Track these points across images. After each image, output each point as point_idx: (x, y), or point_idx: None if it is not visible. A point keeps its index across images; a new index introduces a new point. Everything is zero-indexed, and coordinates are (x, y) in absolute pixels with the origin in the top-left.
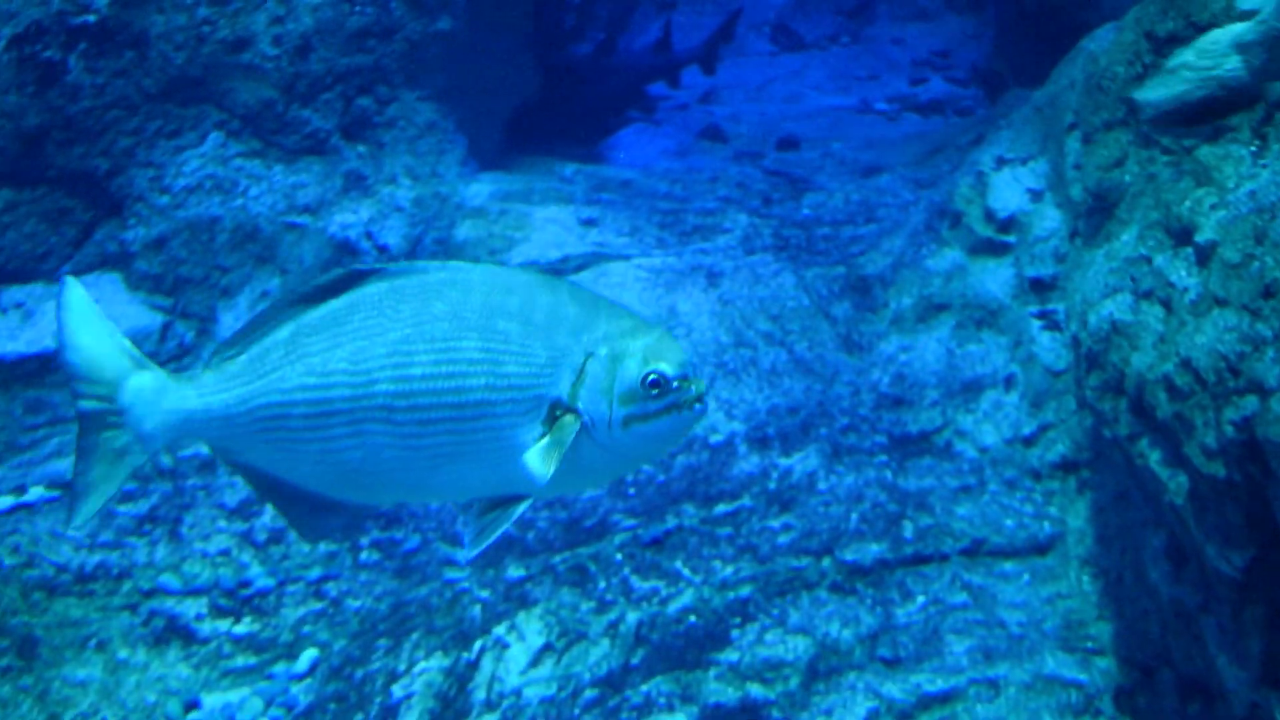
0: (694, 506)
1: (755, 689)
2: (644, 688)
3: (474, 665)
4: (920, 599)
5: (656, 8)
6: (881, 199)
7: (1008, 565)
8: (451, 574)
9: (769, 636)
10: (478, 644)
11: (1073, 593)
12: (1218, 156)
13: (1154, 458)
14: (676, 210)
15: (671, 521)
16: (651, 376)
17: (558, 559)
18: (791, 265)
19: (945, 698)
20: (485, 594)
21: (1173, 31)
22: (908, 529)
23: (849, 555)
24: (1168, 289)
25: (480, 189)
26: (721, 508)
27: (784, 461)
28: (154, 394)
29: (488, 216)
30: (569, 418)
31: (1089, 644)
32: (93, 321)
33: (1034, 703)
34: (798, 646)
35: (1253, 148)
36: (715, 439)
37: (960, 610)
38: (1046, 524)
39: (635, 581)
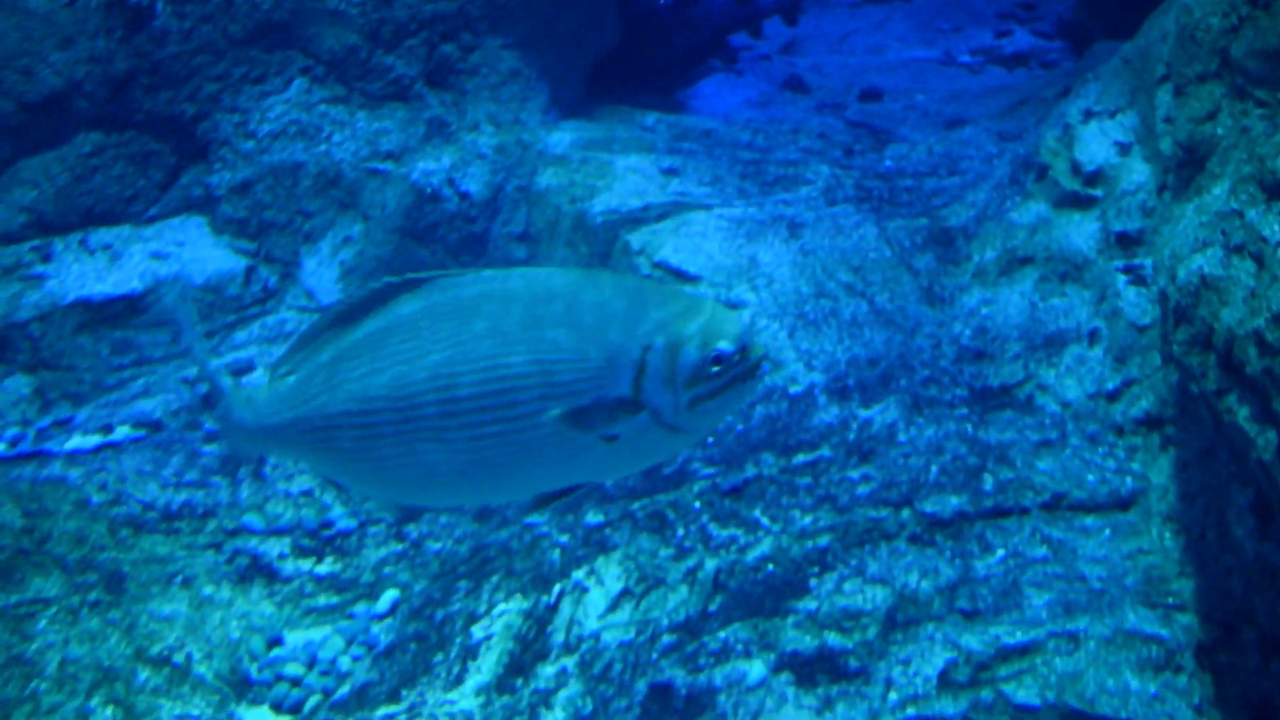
0: (773, 456)
1: (833, 637)
2: (721, 634)
3: (553, 608)
4: (1000, 552)
5: None
6: (965, 151)
7: (1089, 520)
8: (532, 518)
9: (847, 586)
10: (557, 588)
11: (1154, 549)
12: None
13: (1242, 414)
14: (758, 161)
15: (750, 470)
16: (712, 356)
17: (636, 506)
18: (874, 217)
19: (1024, 650)
20: (564, 539)
21: None
22: (988, 482)
23: (928, 507)
24: (1260, 243)
25: (562, 137)
26: (801, 457)
27: (864, 412)
28: (230, 408)
29: (569, 164)
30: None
31: (1170, 600)
32: (191, 325)
33: (1114, 657)
34: (876, 596)
35: None
36: (795, 389)
37: (1040, 564)
38: (1129, 479)
39: (714, 529)
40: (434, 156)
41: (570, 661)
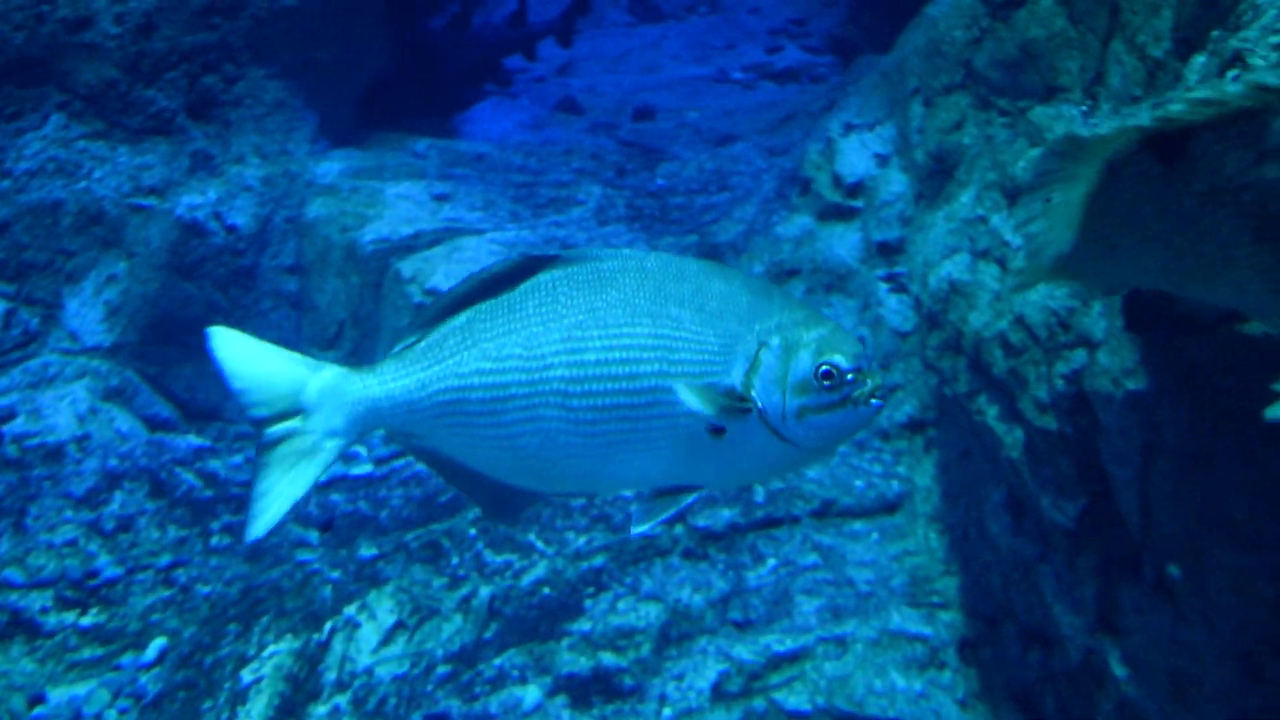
0: None
1: (608, 657)
2: (497, 661)
3: (325, 646)
4: (771, 561)
5: None
6: (735, 167)
7: (857, 525)
8: (304, 555)
9: (621, 605)
10: (328, 624)
11: (920, 549)
12: (1050, 117)
13: (991, 414)
14: (530, 183)
15: None
16: (824, 368)
17: (410, 536)
18: (645, 235)
19: (794, 657)
20: (336, 574)
21: None
22: (759, 493)
23: (701, 521)
24: (1003, 248)
25: (331, 166)
26: None
27: None
28: (337, 390)
29: (339, 194)
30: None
31: (935, 599)
32: (249, 349)
33: (880, 658)
34: (650, 613)
35: (1084, 107)
36: None
37: (810, 571)
38: (895, 483)
39: (489, 556)
40: (199, 190)
41: (343, 699)
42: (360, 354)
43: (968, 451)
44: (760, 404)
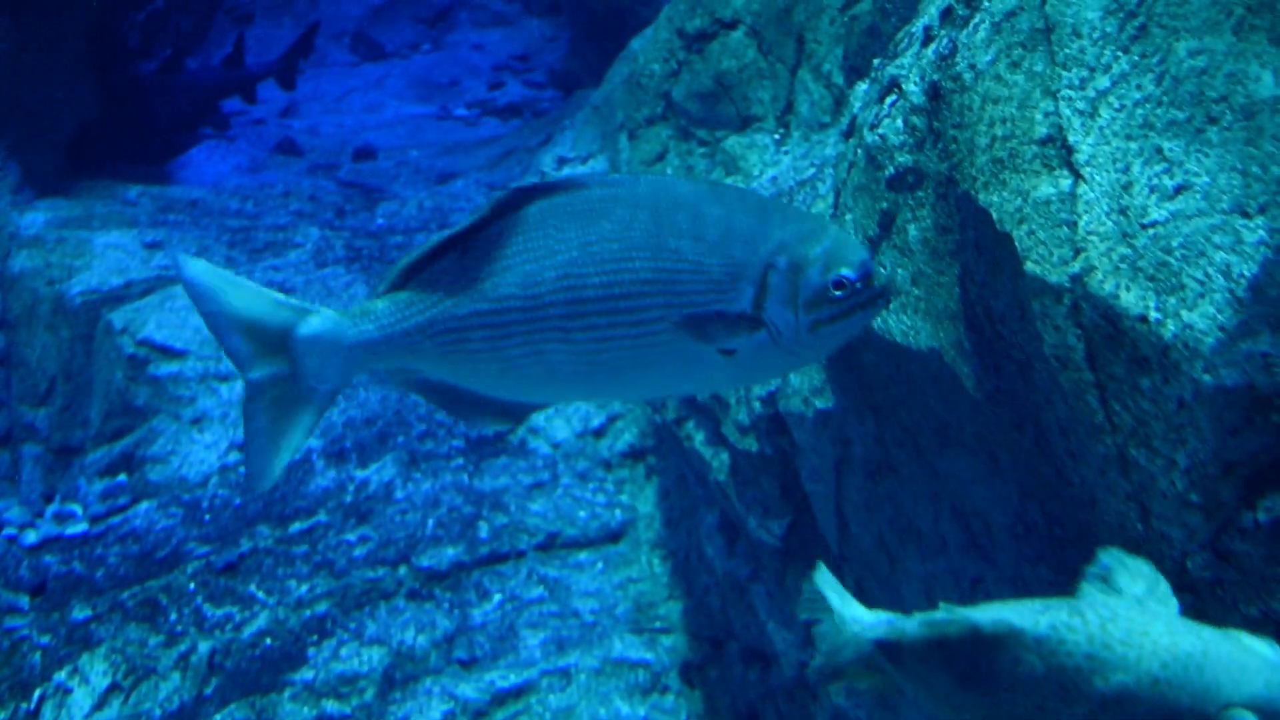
0: (269, 527)
1: (331, 705)
2: (218, 717)
3: (34, 715)
4: (497, 597)
5: (233, 21)
6: (455, 204)
7: (582, 555)
8: (13, 622)
9: (344, 651)
10: (38, 692)
11: (644, 576)
12: (744, 146)
13: (699, 438)
14: (247, 228)
15: (246, 545)
16: (835, 280)
17: (126, 595)
18: (364, 275)
19: (519, 692)
20: (46, 639)
21: (700, 28)
22: (483, 529)
23: (425, 561)
24: None
25: (36, 217)
26: (297, 525)
27: (360, 473)
28: (332, 334)
29: (44, 245)
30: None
31: (658, 624)
32: (231, 285)
33: (604, 687)
34: (373, 658)
35: (776, 135)
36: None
37: (536, 604)
38: (618, 512)
39: (208, 609)
40: None
41: None
42: (74, 409)
43: (683, 477)
44: (774, 325)
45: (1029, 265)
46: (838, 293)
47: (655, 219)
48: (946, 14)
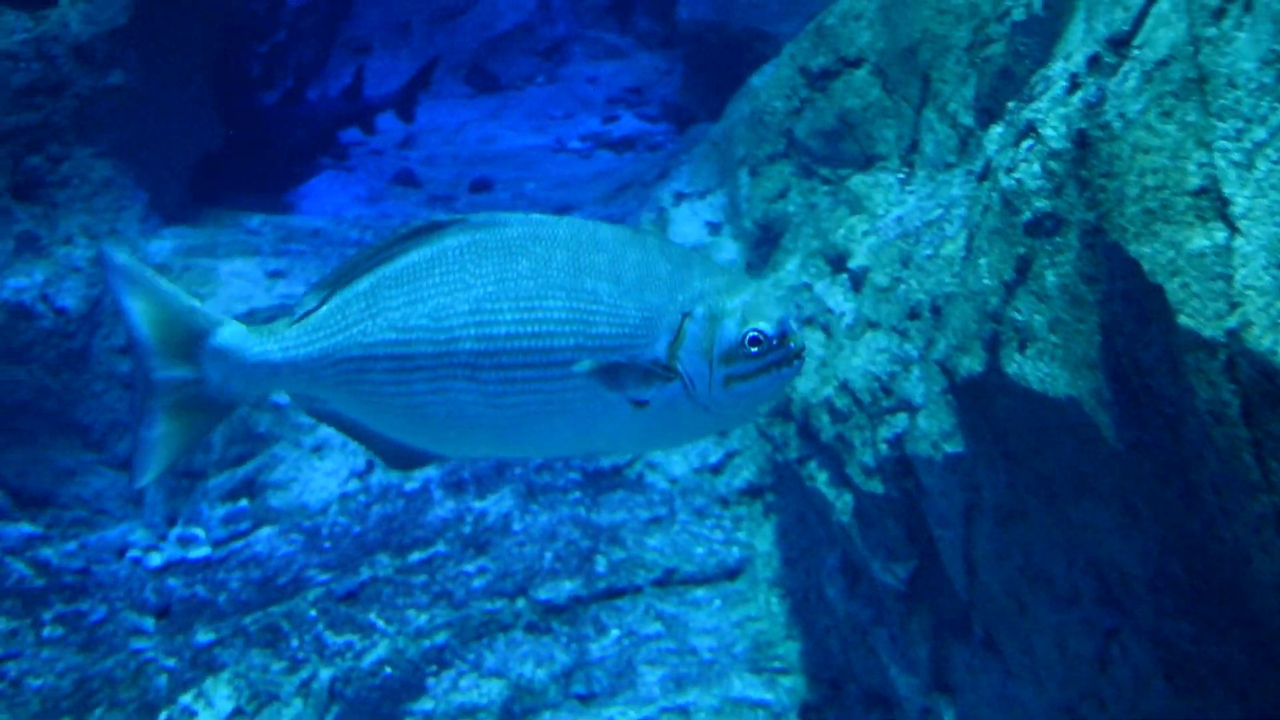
0: (389, 556)
1: None
2: None
3: None
4: (614, 632)
5: (350, 53)
6: None
7: (699, 592)
8: (138, 643)
9: (464, 682)
10: (164, 715)
11: (762, 615)
12: (869, 185)
13: (821, 479)
14: None
15: (366, 573)
16: (751, 335)
17: (249, 620)
18: None
19: None
20: (172, 662)
21: (824, 66)
22: (601, 564)
23: (543, 594)
24: (827, 314)
25: (163, 245)
26: (416, 555)
27: (479, 504)
28: (237, 350)
29: (171, 273)
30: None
31: (776, 664)
32: (151, 282)
33: None
34: (492, 690)
35: (901, 175)
36: (410, 486)
37: (654, 640)
38: (735, 549)
39: (329, 637)
40: (25, 272)
41: None
42: None
43: (803, 516)
44: (687, 375)
45: (1182, 319)
46: (753, 349)
47: (574, 259)
48: (1094, 61)
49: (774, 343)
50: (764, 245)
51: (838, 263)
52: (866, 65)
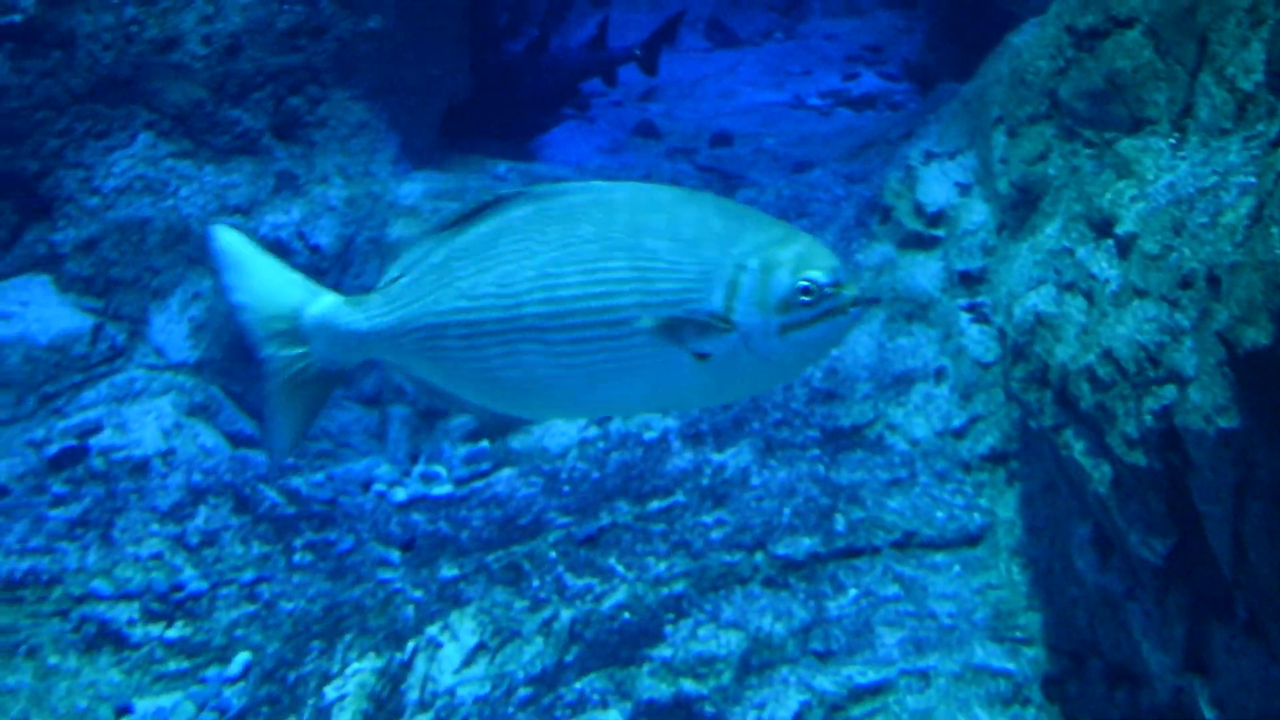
0: (628, 503)
1: (688, 684)
2: (578, 685)
3: (407, 665)
4: (852, 592)
5: (593, 4)
6: (813, 194)
7: (939, 557)
8: (385, 574)
9: (702, 632)
10: (411, 644)
11: (1002, 583)
12: (1138, 149)
13: (1078, 448)
14: None
15: (605, 519)
16: (804, 284)
17: (491, 558)
18: None
19: (876, 690)
20: (418, 594)
21: (1093, 25)
22: (839, 522)
23: (781, 549)
24: (1090, 281)
25: (413, 188)
26: (655, 504)
27: (717, 457)
28: (332, 320)
29: (420, 215)
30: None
31: (1018, 633)
32: (257, 258)
33: (963, 693)
34: (730, 641)
35: (1172, 140)
36: (649, 435)
37: (892, 602)
38: (977, 515)
39: (569, 579)
40: (283, 209)
41: (425, 718)
42: None
43: (1052, 485)
44: (744, 326)
45: None
46: (805, 297)
47: (633, 220)
48: None
49: (827, 291)
50: (1020, 208)
51: (1102, 228)
52: (1139, 25)
